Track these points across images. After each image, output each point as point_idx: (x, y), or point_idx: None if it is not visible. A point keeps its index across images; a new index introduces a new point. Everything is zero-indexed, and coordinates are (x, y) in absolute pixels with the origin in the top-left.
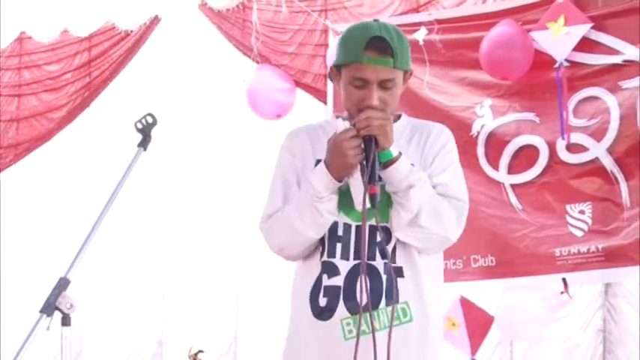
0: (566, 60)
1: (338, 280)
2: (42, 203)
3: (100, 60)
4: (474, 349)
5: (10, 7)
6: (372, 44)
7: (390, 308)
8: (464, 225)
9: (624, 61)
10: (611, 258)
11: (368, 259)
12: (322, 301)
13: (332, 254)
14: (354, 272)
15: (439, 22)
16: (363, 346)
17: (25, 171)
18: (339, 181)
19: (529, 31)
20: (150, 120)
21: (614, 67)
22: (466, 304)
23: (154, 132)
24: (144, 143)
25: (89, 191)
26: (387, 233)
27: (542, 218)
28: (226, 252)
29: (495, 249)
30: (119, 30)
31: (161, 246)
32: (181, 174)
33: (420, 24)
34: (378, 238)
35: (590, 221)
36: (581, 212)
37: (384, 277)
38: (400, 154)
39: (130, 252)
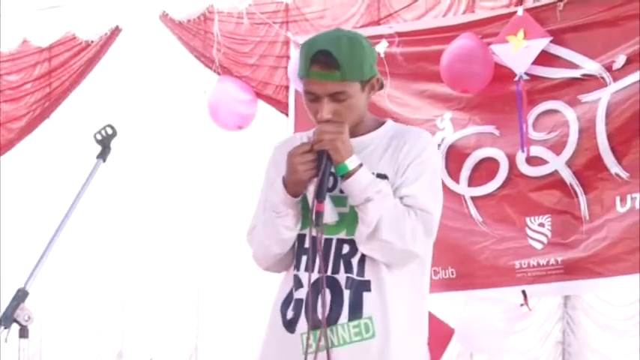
0: (526, 73)
1: (302, 293)
2: (0, 214)
3: (60, 70)
4: None
5: None
6: (317, 58)
7: (352, 324)
8: (434, 237)
9: (583, 75)
10: (571, 271)
11: (332, 273)
12: (289, 314)
13: (298, 267)
14: (316, 286)
15: (400, 34)
16: None
17: None
18: (295, 197)
19: (489, 44)
20: (110, 131)
21: (573, 81)
22: None
23: (113, 143)
24: (103, 155)
25: (48, 203)
26: (354, 246)
27: (502, 231)
28: (187, 263)
29: (456, 261)
30: (80, 40)
31: (121, 257)
32: (141, 186)
33: (380, 36)
34: (344, 251)
35: (549, 234)
36: (541, 225)
37: (345, 292)
38: (360, 166)
39: (89, 263)
